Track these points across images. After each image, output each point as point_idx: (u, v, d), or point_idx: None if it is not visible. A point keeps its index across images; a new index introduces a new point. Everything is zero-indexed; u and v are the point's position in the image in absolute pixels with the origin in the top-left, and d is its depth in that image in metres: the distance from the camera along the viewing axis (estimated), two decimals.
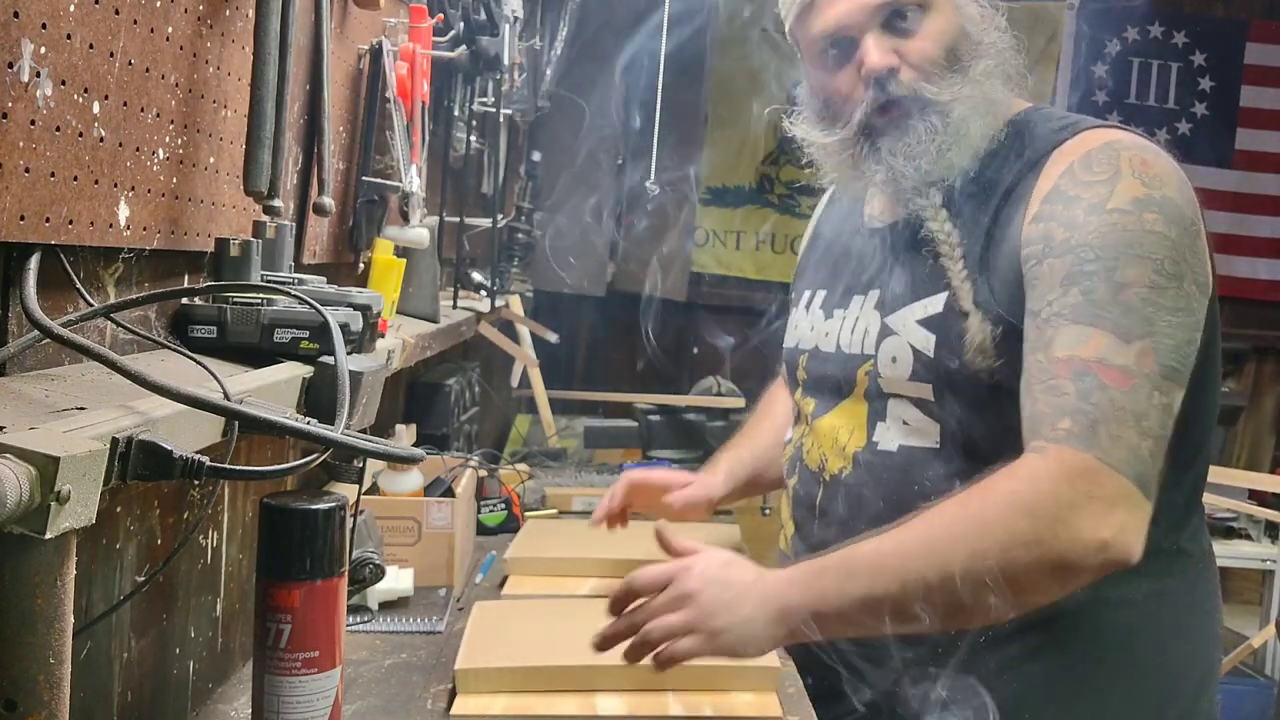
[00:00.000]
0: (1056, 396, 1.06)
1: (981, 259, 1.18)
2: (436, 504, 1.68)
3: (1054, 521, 1.02)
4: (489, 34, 1.86)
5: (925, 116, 1.21)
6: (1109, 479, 1.03)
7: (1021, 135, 1.23)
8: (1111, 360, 1.06)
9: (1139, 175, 1.12)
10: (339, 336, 0.97)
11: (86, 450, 0.61)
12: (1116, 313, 1.07)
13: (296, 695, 0.99)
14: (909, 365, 1.22)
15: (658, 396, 2.90)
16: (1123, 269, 1.08)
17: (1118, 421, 1.04)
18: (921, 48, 1.21)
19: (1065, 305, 1.09)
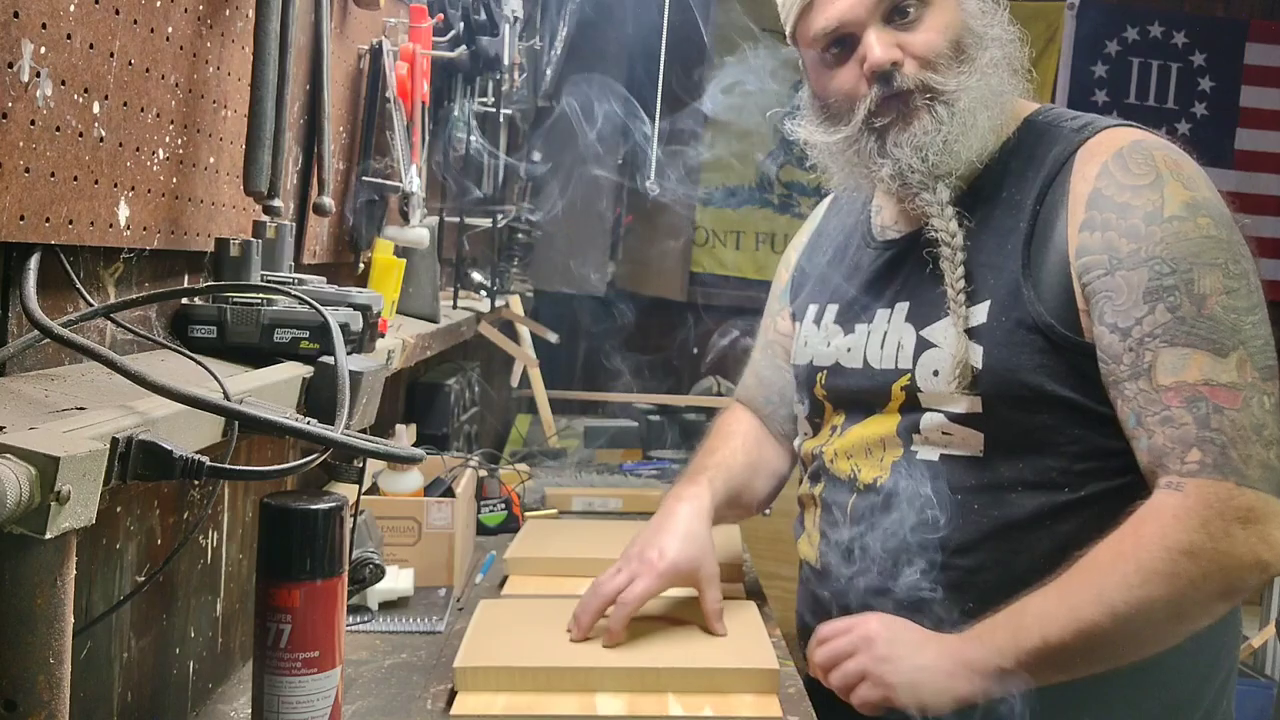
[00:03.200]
0: (1176, 428, 1.08)
1: (1024, 263, 1.17)
2: (436, 504, 1.68)
3: (1214, 556, 1.05)
4: (489, 34, 1.86)
5: (931, 108, 1.20)
6: (1251, 499, 1.05)
7: (1040, 134, 1.23)
8: (1217, 379, 1.08)
9: (1177, 177, 1.14)
10: (339, 336, 0.97)
11: (86, 450, 0.61)
12: (1206, 328, 1.08)
13: (296, 695, 0.99)
14: (954, 379, 1.20)
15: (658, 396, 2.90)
16: (1199, 280, 1.09)
17: (1243, 441, 1.06)
18: (925, 39, 1.20)
19: (1156, 325, 1.10)
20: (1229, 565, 1.05)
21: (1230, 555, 1.05)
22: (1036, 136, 1.24)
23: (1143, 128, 1.21)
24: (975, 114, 1.20)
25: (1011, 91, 1.24)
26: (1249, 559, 1.05)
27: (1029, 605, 1.12)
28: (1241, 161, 4.50)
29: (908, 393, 1.25)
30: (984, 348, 1.18)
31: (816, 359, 1.39)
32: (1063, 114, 1.26)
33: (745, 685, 1.28)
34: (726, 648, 1.36)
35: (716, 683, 1.28)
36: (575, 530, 1.98)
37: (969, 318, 1.20)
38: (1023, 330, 1.16)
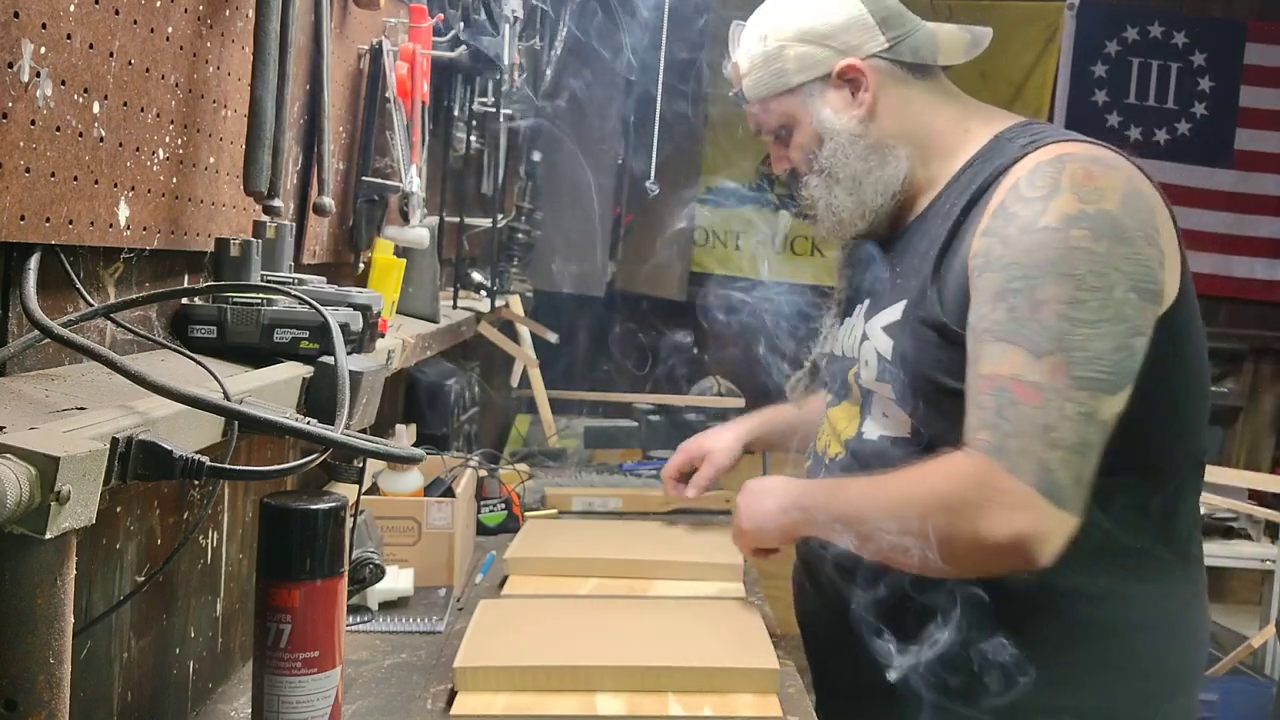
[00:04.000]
0: (981, 410, 1.18)
1: (935, 270, 1.28)
2: (436, 504, 1.68)
3: (961, 520, 1.16)
4: (489, 34, 1.86)
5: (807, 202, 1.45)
6: (1013, 487, 1.14)
7: (994, 151, 1.33)
8: (1025, 377, 1.15)
9: (1077, 190, 1.19)
10: (339, 336, 0.97)
11: (86, 450, 0.61)
12: (1031, 330, 1.16)
13: (296, 695, 0.99)
14: (875, 367, 1.34)
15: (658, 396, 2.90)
16: (1043, 286, 1.16)
17: (1027, 436, 1.14)
18: (793, 158, 1.45)
19: (993, 321, 1.19)
20: (970, 534, 1.15)
21: (975, 525, 1.15)
22: (989, 153, 1.33)
23: (1094, 142, 1.26)
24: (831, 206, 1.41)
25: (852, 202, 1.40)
26: (988, 537, 1.14)
27: (851, 483, 1.32)
28: (1241, 161, 4.50)
29: (855, 378, 1.41)
30: (894, 342, 1.32)
31: (823, 347, 1.58)
32: (1030, 130, 1.34)
33: (745, 685, 1.29)
34: (726, 648, 1.36)
35: (716, 682, 1.29)
36: (575, 530, 1.98)
37: (889, 315, 1.34)
38: (923, 327, 1.27)
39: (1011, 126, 1.36)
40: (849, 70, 1.38)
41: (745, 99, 1.45)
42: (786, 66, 1.40)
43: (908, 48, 1.39)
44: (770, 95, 1.42)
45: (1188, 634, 1.32)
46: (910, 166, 1.39)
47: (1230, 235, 4.48)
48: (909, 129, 1.39)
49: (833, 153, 1.39)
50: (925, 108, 1.40)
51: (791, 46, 1.39)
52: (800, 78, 1.39)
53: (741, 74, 1.44)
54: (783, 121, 1.43)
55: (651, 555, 1.74)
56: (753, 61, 1.42)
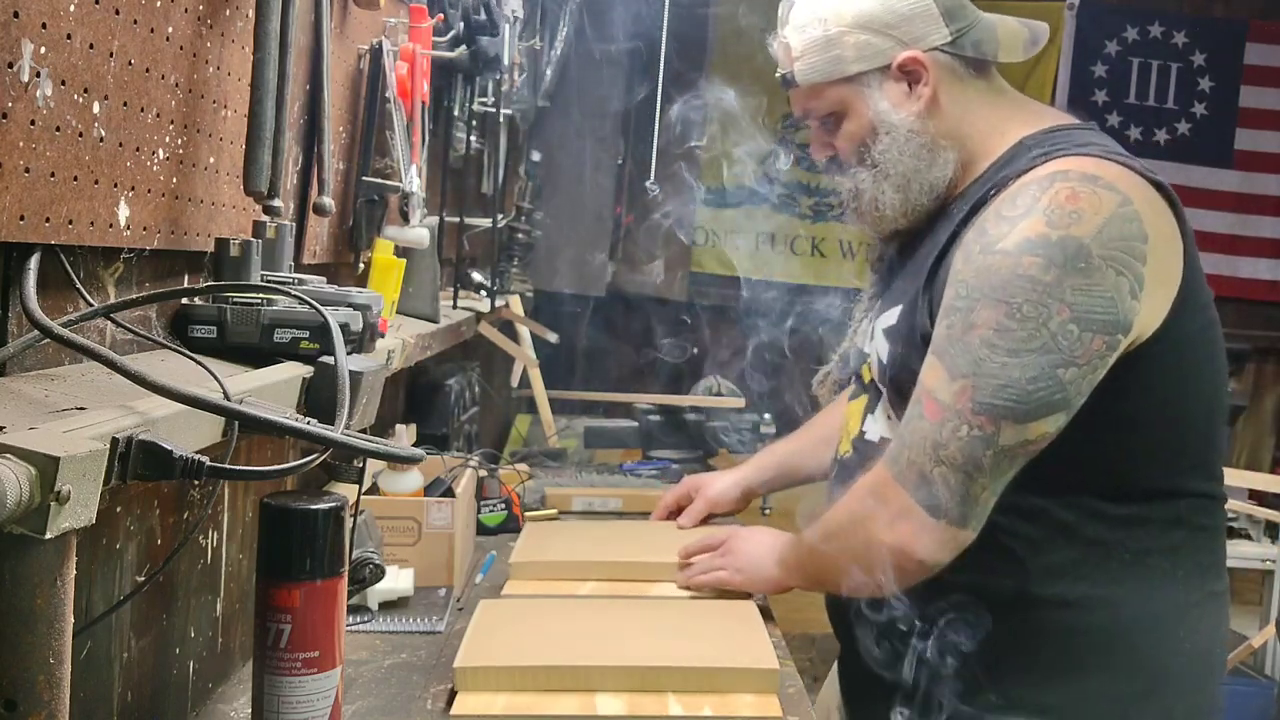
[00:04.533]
0: (899, 419, 1.27)
1: (928, 277, 1.30)
2: (436, 504, 1.68)
3: (862, 529, 1.26)
4: (489, 34, 1.86)
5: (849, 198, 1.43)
6: (897, 496, 1.23)
7: (1012, 157, 1.31)
8: (937, 394, 1.21)
9: (1050, 213, 1.18)
10: (339, 336, 0.97)
11: (86, 450, 0.61)
12: (956, 350, 1.20)
13: (296, 695, 0.99)
14: (878, 367, 1.38)
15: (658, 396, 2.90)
16: (979, 310, 1.19)
17: (917, 449, 1.21)
18: (839, 146, 1.42)
19: (936, 335, 1.24)
20: (863, 538, 1.25)
21: (867, 530, 1.25)
22: (1007, 160, 1.31)
23: (1106, 156, 1.23)
24: (879, 198, 1.37)
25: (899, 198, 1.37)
26: (877, 539, 1.23)
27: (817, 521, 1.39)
28: (1241, 161, 4.50)
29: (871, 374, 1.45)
30: (889, 345, 1.35)
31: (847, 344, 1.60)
32: (1057, 136, 1.30)
33: (745, 685, 1.28)
34: (726, 648, 1.36)
35: (716, 682, 1.28)
36: (577, 532, 1.98)
37: (888, 318, 1.37)
38: (915, 333, 1.30)
39: (1039, 132, 1.32)
40: (910, 62, 1.33)
41: (791, 81, 1.39)
42: (845, 54, 1.34)
43: (969, 42, 1.35)
44: (825, 82, 1.36)
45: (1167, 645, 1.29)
46: (956, 168, 1.36)
47: (1232, 235, 4.48)
48: (960, 128, 1.36)
49: (887, 147, 1.35)
50: (978, 106, 1.37)
51: (852, 34, 1.33)
52: (859, 67, 1.34)
53: (794, 56, 1.37)
54: (834, 109, 1.38)
55: (655, 558, 1.74)
56: (808, 45, 1.36)
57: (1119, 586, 1.26)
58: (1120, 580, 1.26)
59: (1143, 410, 1.23)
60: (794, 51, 1.37)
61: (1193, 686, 1.31)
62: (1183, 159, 4.46)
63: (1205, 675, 1.32)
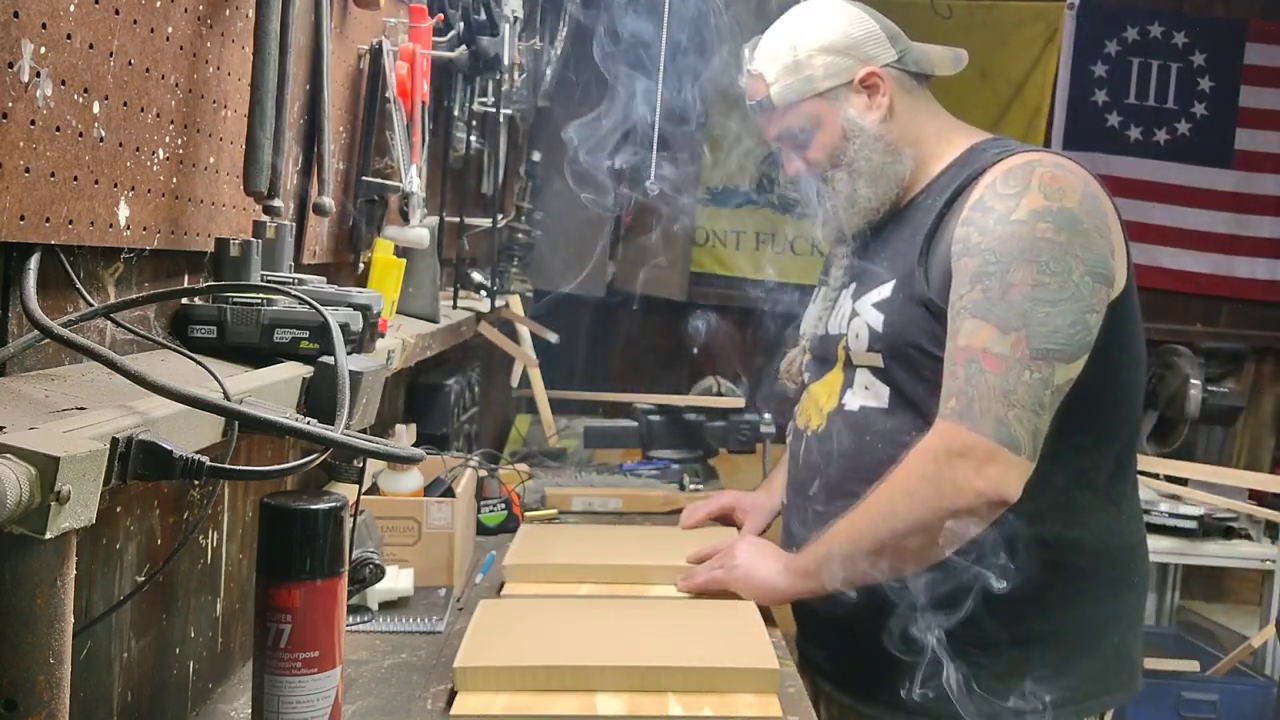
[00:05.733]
0: (953, 380, 1.38)
1: (922, 252, 1.48)
2: (436, 504, 1.68)
3: (938, 482, 1.35)
4: (489, 34, 1.86)
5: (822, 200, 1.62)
6: (973, 440, 1.34)
7: (969, 159, 1.53)
8: (993, 349, 1.35)
9: (1044, 190, 1.40)
10: (339, 336, 0.97)
11: (86, 450, 0.61)
12: (1001, 309, 1.36)
13: (296, 695, 0.99)
14: (867, 339, 1.52)
15: (658, 396, 2.89)
16: (1013, 271, 1.36)
17: (989, 399, 1.34)
18: (812, 157, 1.60)
19: (970, 300, 1.38)
20: (949, 491, 1.34)
21: (951, 482, 1.34)
22: (965, 161, 1.53)
23: (1054, 152, 1.49)
24: (853, 197, 1.57)
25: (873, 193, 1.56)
26: (965, 487, 1.33)
27: (837, 524, 1.44)
28: (1241, 161, 4.49)
29: (845, 351, 1.58)
30: (884, 316, 1.50)
31: (806, 329, 1.74)
32: (1000, 143, 1.54)
33: (745, 685, 1.28)
34: (726, 648, 1.36)
35: (716, 682, 1.28)
36: (573, 535, 1.98)
37: (879, 293, 1.52)
38: (912, 303, 1.47)
39: (985, 140, 1.57)
40: (870, 77, 1.56)
41: (768, 106, 1.59)
42: (814, 74, 1.56)
43: (911, 59, 1.58)
44: (800, 99, 1.57)
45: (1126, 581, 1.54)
46: (913, 165, 1.57)
47: (1231, 235, 4.47)
48: (912, 131, 1.58)
49: (859, 149, 1.56)
50: (923, 115, 1.60)
51: (818, 56, 1.55)
52: (828, 83, 1.56)
53: (769, 82, 1.58)
54: (807, 123, 1.57)
55: (651, 560, 1.74)
56: (780, 70, 1.57)
57: (1084, 530, 1.47)
58: (1085, 524, 1.47)
59: (1110, 357, 1.41)
60: (768, 78, 1.58)
61: (1138, 619, 1.58)
62: (1183, 159, 4.45)
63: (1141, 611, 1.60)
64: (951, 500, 1.34)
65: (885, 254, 1.56)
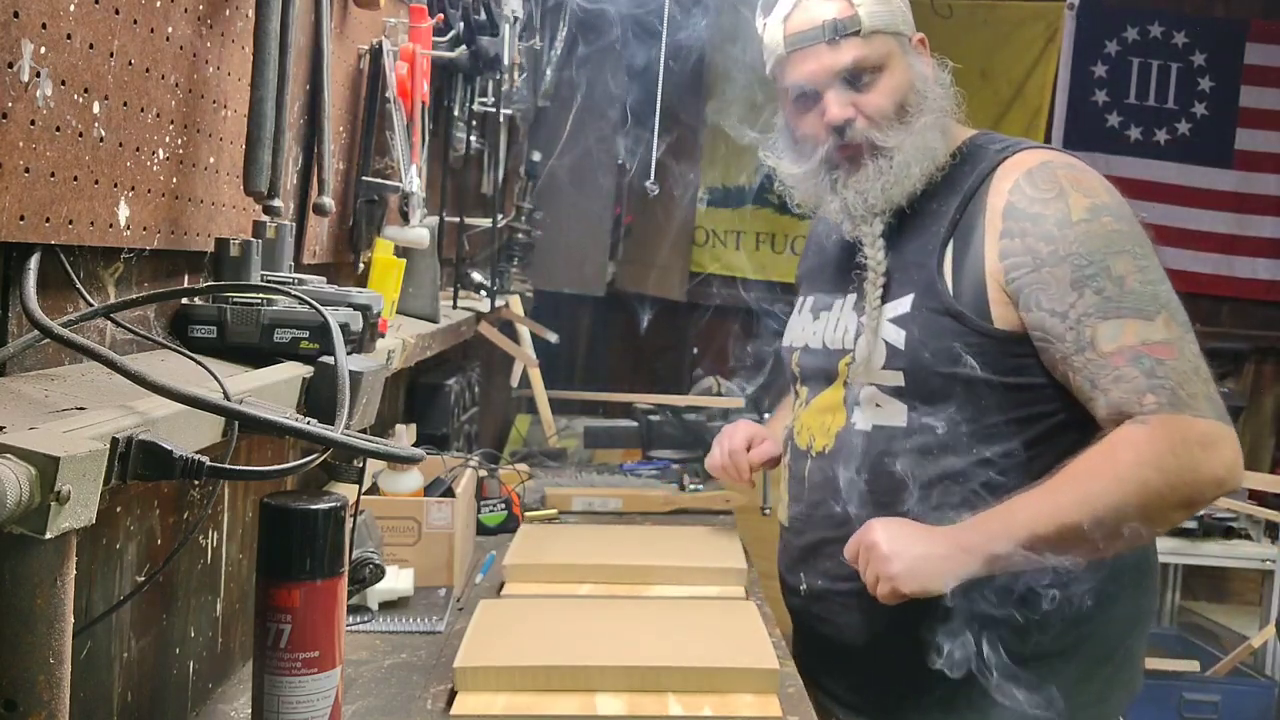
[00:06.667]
0: (1129, 383, 1.30)
1: (940, 261, 1.41)
2: (436, 504, 1.68)
3: (1179, 472, 1.27)
4: (489, 34, 1.86)
5: (875, 159, 1.45)
6: (1205, 426, 1.28)
7: (969, 156, 1.48)
8: (1152, 338, 1.31)
9: (1079, 189, 1.38)
10: (339, 336, 0.97)
11: (86, 450, 0.61)
12: (1131, 300, 1.32)
13: (296, 695, 0.99)
14: (883, 357, 1.43)
15: (658, 396, 2.89)
16: (1114, 264, 1.33)
17: (1187, 381, 1.29)
18: (875, 102, 1.45)
19: (1088, 306, 1.33)
20: (1190, 480, 1.28)
21: (1193, 472, 1.27)
22: (966, 158, 1.47)
23: (1054, 149, 1.46)
24: (909, 166, 1.44)
25: (944, 142, 1.47)
26: (1207, 475, 1.28)
27: (1017, 504, 1.32)
28: (1241, 161, 4.49)
29: (850, 369, 1.49)
30: (906, 331, 1.42)
31: (794, 341, 1.64)
32: (994, 138, 1.50)
33: (745, 685, 1.29)
34: (726, 648, 1.36)
35: (716, 682, 1.29)
36: (573, 535, 1.98)
37: (895, 308, 1.44)
38: (938, 318, 1.40)
39: (975, 134, 1.51)
40: (921, 42, 1.52)
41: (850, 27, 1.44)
42: (896, 13, 1.48)
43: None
44: (886, 30, 1.45)
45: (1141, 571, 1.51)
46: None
47: (1231, 235, 4.47)
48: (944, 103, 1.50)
49: (934, 98, 1.47)
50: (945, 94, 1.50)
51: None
52: (904, 28, 1.49)
53: (856, 3, 1.45)
54: (879, 62, 1.45)
55: (651, 560, 1.74)
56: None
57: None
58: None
59: None
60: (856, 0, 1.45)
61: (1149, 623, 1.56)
62: (1183, 159, 4.45)
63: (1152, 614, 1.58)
64: (1192, 491, 1.29)
65: (894, 263, 1.47)
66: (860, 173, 1.46)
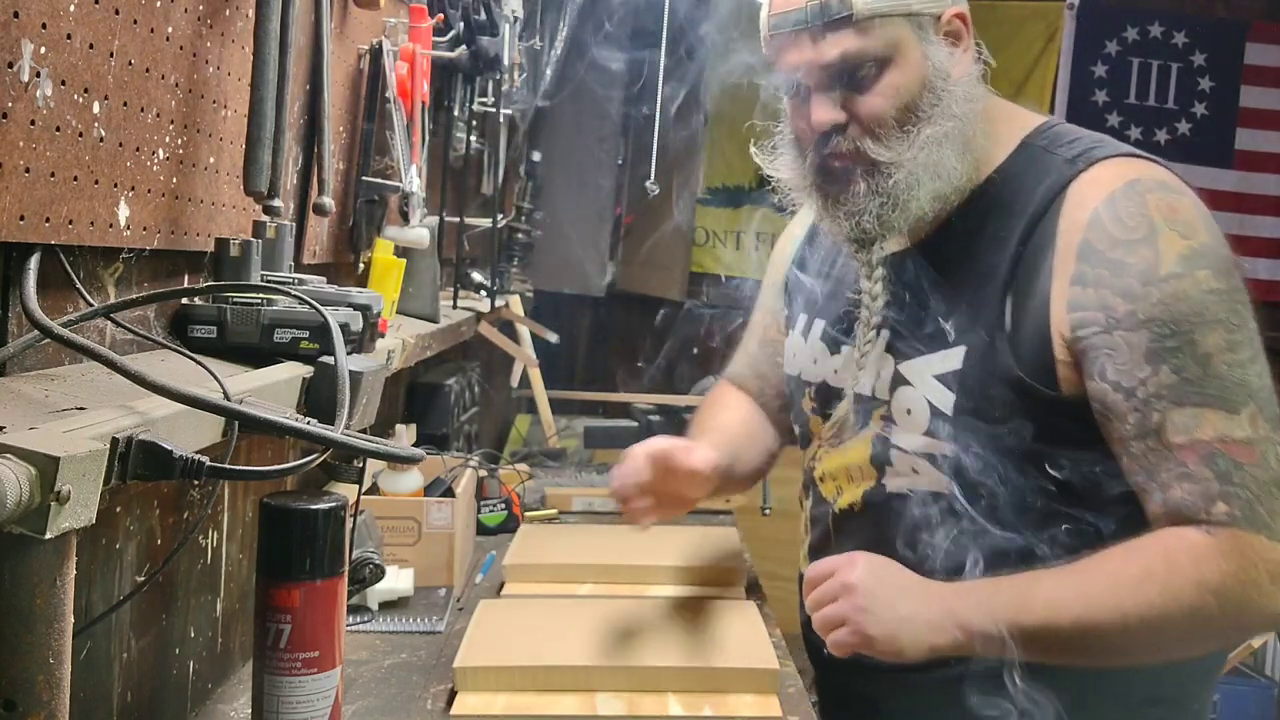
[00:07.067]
0: (1196, 483, 1.09)
1: (1002, 310, 1.17)
2: (436, 504, 1.68)
3: (1241, 601, 1.08)
4: (489, 34, 1.85)
5: (869, 176, 1.20)
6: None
7: (1032, 161, 1.21)
8: (1232, 435, 1.09)
9: (1173, 226, 1.13)
10: (339, 336, 0.97)
11: (86, 450, 0.61)
12: (1215, 386, 1.10)
13: (296, 695, 0.99)
14: (925, 419, 1.21)
15: (658, 396, 2.90)
16: (1201, 339, 1.10)
17: (1267, 496, 1.09)
18: (871, 104, 1.18)
19: (1161, 386, 1.11)
20: (1253, 612, 1.09)
21: (1256, 604, 1.08)
22: (1027, 163, 1.22)
23: (1142, 155, 1.20)
24: (913, 187, 1.19)
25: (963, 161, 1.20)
26: (1271, 613, 1.10)
27: (1039, 585, 1.12)
28: (1241, 161, 4.49)
29: (885, 423, 1.27)
30: (955, 396, 1.19)
31: (805, 374, 1.41)
32: (1060, 136, 1.24)
33: (745, 685, 1.28)
34: (726, 648, 1.36)
35: (716, 682, 1.28)
36: (572, 535, 1.98)
37: (944, 361, 1.21)
38: (995, 382, 1.17)
39: (1035, 129, 1.25)
40: (957, 19, 1.21)
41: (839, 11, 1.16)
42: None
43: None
44: (889, 13, 1.16)
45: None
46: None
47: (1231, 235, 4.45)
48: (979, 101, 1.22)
49: (954, 100, 1.19)
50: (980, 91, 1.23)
51: None
52: (921, 5, 1.18)
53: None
54: (884, 51, 1.17)
55: (651, 560, 1.74)
56: None
57: None
58: None
59: None
60: None
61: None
62: (1183, 159, 4.44)
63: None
64: (1247, 623, 1.13)
65: (939, 299, 1.22)
66: (851, 190, 1.21)
